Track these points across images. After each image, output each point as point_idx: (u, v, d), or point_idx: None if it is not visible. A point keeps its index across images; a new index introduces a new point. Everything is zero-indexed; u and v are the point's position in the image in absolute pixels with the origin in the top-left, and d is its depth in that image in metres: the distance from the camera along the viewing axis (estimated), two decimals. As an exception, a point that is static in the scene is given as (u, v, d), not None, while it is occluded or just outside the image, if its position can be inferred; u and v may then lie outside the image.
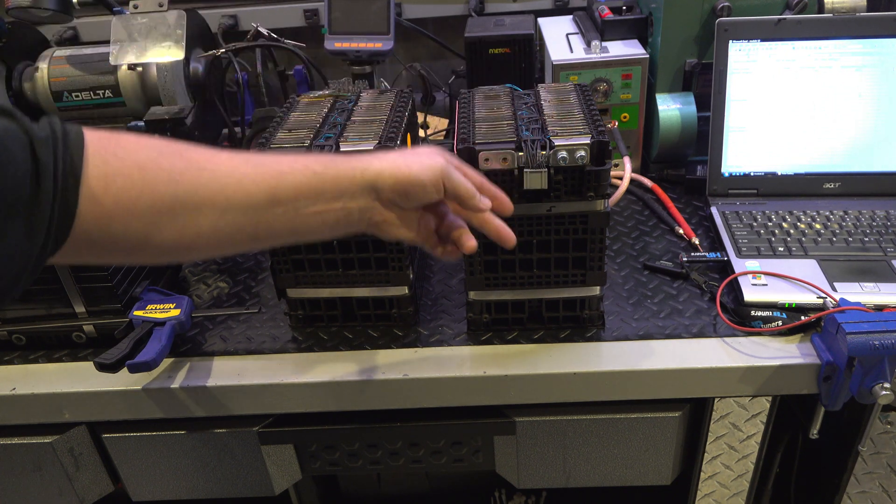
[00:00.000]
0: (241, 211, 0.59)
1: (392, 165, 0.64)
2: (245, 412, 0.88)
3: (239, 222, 0.59)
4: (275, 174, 0.60)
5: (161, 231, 0.56)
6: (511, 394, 0.85)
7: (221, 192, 0.58)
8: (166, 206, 0.56)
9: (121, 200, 0.54)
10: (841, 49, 1.02)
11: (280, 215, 0.61)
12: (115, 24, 1.25)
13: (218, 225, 0.58)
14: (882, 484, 0.96)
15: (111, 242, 0.55)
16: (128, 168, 0.54)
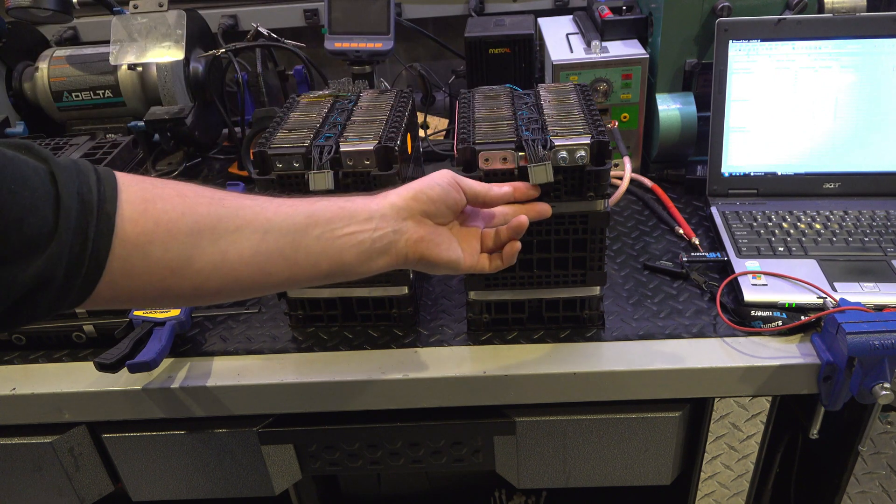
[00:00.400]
0: (282, 233, 0.59)
1: (405, 185, 0.67)
2: (245, 412, 0.88)
3: (279, 244, 0.59)
4: (309, 202, 0.62)
5: (203, 253, 0.55)
6: (511, 394, 0.85)
7: (262, 214, 0.59)
8: (208, 227, 0.55)
9: (161, 221, 0.53)
10: (841, 49, 1.02)
11: (317, 237, 0.61)
12: (115, 24, 1.25)
13: (259, 248, 0.58)
14: (882, 484, 0.96)
15: (148, 270, 0.53)
16: (168, 194, 0.54)
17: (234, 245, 0.57)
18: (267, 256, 0.59)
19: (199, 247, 0.55)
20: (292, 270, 0.61)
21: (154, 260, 0.53)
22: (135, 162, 0.92)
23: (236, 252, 0.57)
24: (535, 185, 0.75)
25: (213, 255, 0.56)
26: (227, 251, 0.57)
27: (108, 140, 0.93)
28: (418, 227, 0.66)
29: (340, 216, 0.62)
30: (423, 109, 1.38)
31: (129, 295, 0.54)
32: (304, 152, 0.79)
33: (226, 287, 0.58)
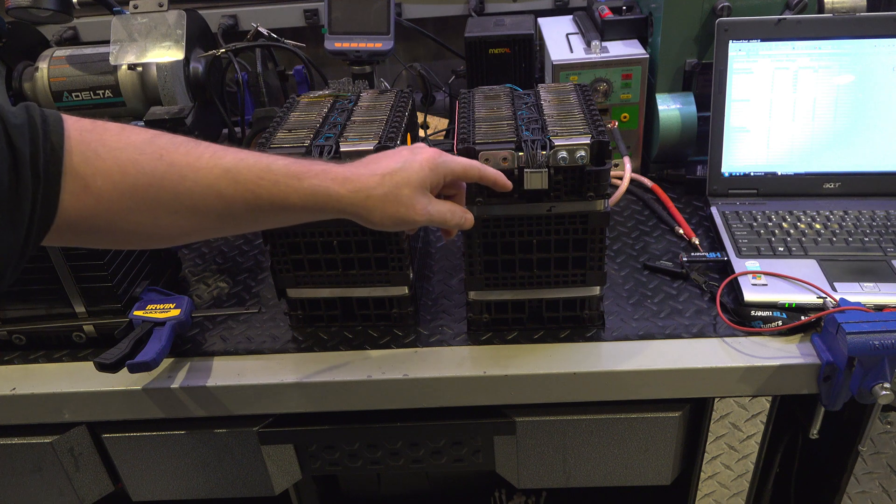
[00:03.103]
0: (221, 219, 0.62)
1: (386, 165, 0.66)
2: (245, 412, 0.88)
3: (220, 226, 0.63)
4: (253, 195, 0.61)
5: (144, 227, 0.58)
6: (511, 394, 0.85)
7: (203, 202, 0.59)
8: (148, 209, 0.57)
9: (102, 200, 0.54)
10: (841, 49, 1.02)
11: (259, 221, 0.65)
12: (115, 24, 1.25)
13: (202, 226, 0.61)
14: (882, 484, 0.96)
15: (96, 234, 0.57)
16: (109, 168, 0.55)
17: (175, 224, 0.60)
18: (209, 230, 0.64)
19: (141, 223, 0.58)
20: (235, 230, 0.65)
21: (100, 229, 0.56)
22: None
23: (178, 229, 0.61)
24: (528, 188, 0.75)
25: (156, 229, 0.59)
26: (170, 228, 0.60)
27: (108, 140, 0.93)
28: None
29: (283, 207, 0.63)
30: (423, 109, 1.38)
31: (78, 244, 0.59)
32: (304, 152, 0.79)
33: (178, 243, 0.65)
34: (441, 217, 0.70)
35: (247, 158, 0.61)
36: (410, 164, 0.67)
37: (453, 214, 0.71)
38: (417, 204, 0.67)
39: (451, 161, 0.70)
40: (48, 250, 0.84)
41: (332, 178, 0.64)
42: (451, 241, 1.08)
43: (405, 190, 0.66)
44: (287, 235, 0.84)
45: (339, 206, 0.64)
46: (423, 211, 0.68)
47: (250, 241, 1.13)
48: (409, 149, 0.69)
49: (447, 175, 0.70)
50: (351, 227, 0.83)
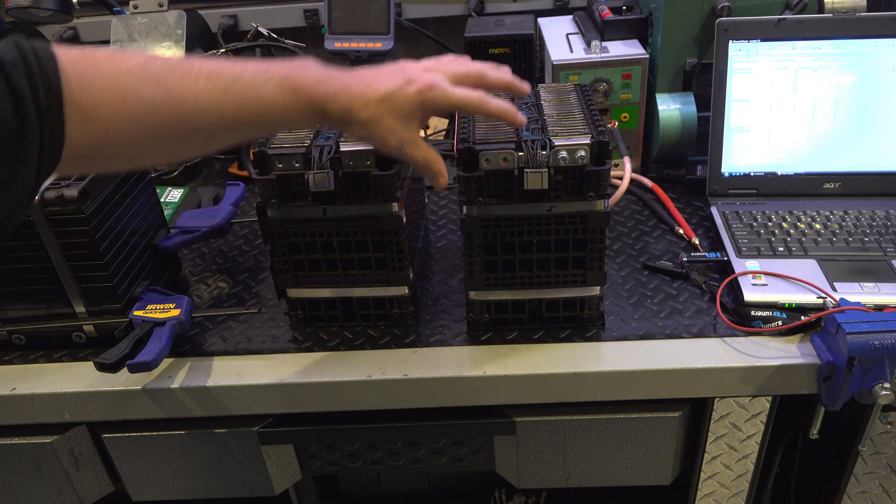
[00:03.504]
0: (226, 136, 0.63)
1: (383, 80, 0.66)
2: (245, 412, 0.88)
3: (225, 142, 0.64)
4: (254, 112, 0.61)
5: (151, 152, 0.60)
6: (511, 394, 0.85)
7: (206, 125, 0.60)
8: (153, 136, 0.58)
9: (109, 130, 0.54)
10: (841, 49, 1.02)
11: (260, 134, 0.69)
12: (115, 24, 1.25)
13: (207, 145, 0.63)
14: (882, 484, 0.96)
15: (103, 162, 0.59)
16: (109, 99, 0.54)
17: (178, 149, 0.63)
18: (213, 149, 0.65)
19: (146, 150, 0.59)
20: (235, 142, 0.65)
21: (108, 157, 0.57)
22: (135, 162, 0.93)
23: (179, 153, 0.66)
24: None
25: (161, 155, 0.62)
26: (171, 153, 0.64)
27: (108, 140, 0.93)
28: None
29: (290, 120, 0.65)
30: (423, 109, 1.38)
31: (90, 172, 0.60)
32: (304, 152, 0.79)
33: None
34: (413, 161, 0.71)
35: (243, 76, 0.61)
36: (400, 93, 0.66)
37: (427, 166, 0.71)
38: (395, 137, 0.67)
39: (442, 97, 0.68)
40: (48, 250, 0.84)
41: (325, 91, 0.64)
42: (452, 241, 1.08)
43: (388, 119, 0.66)
44: (287, 235, 0.84)
45: (326, 118, 0.65)
46: (398, 147, 0.68)
47: (250, 241, 1.13)
48: (405, 73, 0.68)
49: (438, 109, 0.69)
50: (351, 227, 0.83)
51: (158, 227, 0.99)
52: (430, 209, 1.17)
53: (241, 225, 1.16)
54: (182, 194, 1.22)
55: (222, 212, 1.03)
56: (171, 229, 1.01)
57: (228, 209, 1.04)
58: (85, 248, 0.84)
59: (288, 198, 0.82)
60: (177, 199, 1.21)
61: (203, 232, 1.00)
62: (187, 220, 1.02)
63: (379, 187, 0.80)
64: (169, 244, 0.98)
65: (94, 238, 0.83)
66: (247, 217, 1.13)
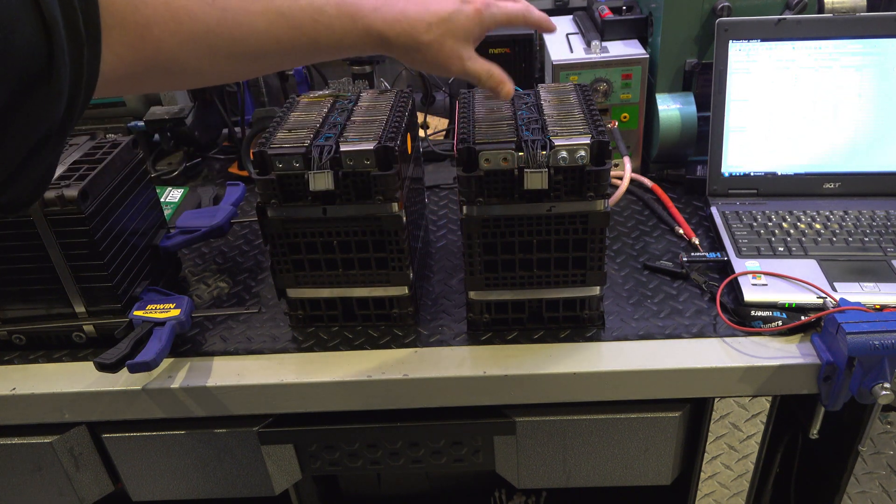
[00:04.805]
0: (281, 60, 0.62)
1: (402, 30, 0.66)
2: (245, 412, 0.88)
3: (279, 66, 0.64)
4: (309, 39, 0.61)
5: (204, 70, 0.58)
6: (511, 394, 0.85)
7: (260, 48, 0.59)
8: (207, 56, 0.56)
9: (163, 49, 0.53)
10: (841, 49, 1.02)
11: (313, 59, 0.65)
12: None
13: (261, 67, 0.62)
14: (882, 484, 0.96)
15: (155, 79, 0.56)
16: (161, 17, 0.53)
17: (232, 70, 0.60)
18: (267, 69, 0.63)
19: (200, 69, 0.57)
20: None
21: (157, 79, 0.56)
22: (135, 162, 0.93)
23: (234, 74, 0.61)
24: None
25: (213, 76, 0.59)
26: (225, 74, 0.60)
27: (108, 140, 0.93)
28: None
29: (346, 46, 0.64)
30: (423, 109, 1.38)
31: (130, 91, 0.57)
32: (304, 152, 0.79)
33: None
34: (476, 75, 0.71)
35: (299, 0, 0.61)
36: (460, 13, 0.67)
37: (491, 78, 0.73)
38: (456, 58, 0.68)
39: (498, 13, 0.71)
40: (48, 250, 0.84)
41: (384, 18, 0.64)
42: (452, 241, 1.08)
43: (449, 41, 0.67)
44: (287, 236, 0.85)
45: (386, 46, 0.65)
46: (461, 66, 0.69)
47: (250, 241, 1.13)
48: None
49: (493, 26, 0.71)
50: (351, 227, 0.83)
51: (158, 227, 0.99)
52: (430, 209, 1.17)
53: (241, 225, 1.16)
54: (182, 194, 1.23)
55: (222, 212, 1.03)
56: (171, 229, 1.01)
57: (228, 209, 1.04)
58: (85, 248, 0.84)
59: (288, 198, 0.82)
60: (177, 199, 1.21)
61: (203, 232, 1.00)
62: (187, 220, 1.02)
63: (379, 187, 0.81)
64: (169, 244, 0.98)
65: (94, 238, 0.83)
66: (247, 217, 1.13)
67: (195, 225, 1.01)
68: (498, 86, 0.74)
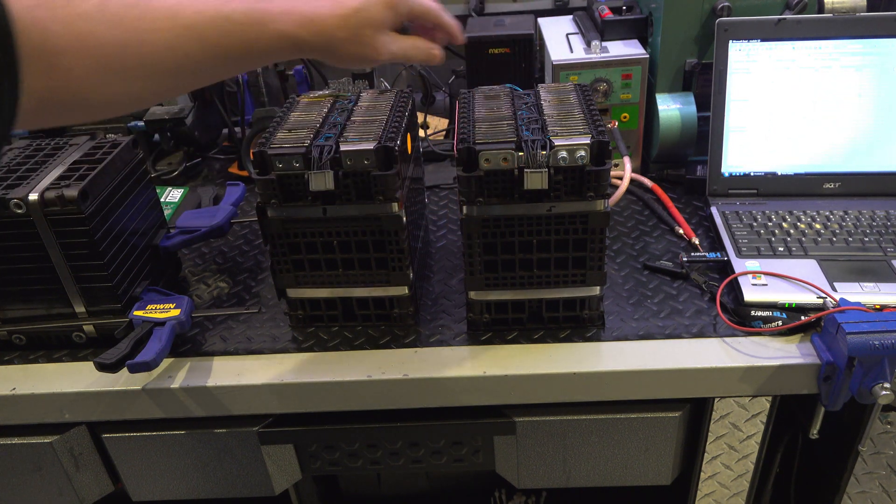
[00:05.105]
0: (195, 75, 0.61)
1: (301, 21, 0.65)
2: (245, 412, 0.88)
3: (195, 82, 0.63)
4: (220, 49, 0.60)
5: (118, 96, 0.57)
6: (511, 394, 0.85)
7: (171, 64, 0.58)
8: (119, 79, 0.55)
9: (73, 77, 0.53)
10: (841, 49, 1.02)
11: (230, 70, 0.64)
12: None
13: (177, 84, 0.62)
14: (882, 484, 0.96)
15: (71, 109, 0.55)
16: (69, 45, 0.52)
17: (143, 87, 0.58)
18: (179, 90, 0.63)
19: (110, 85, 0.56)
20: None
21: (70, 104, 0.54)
22: (135, 162, 0.93)
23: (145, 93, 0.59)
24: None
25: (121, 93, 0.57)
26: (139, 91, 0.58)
27: (108, 140, 0.93)
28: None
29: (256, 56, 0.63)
30: (423, 109, 1.38)
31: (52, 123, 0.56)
32: (304, 152, 0.79)
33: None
34: (404, 53, 0.71)
35: (205, 10, 0.59)
36: (371, 3, 0.67)
37: (417, 50, 0.73)
38: (379, 44, 0.68)
39: (413, 2, 0.71)
40: (48, 250, 0.84)
41: (295, 20, 0.63)
42: (452, 241, 1.08)
43: (367, 30, 0.66)
44: (287, 236, 0.85)
45: (302, 49, 0.65)
46: (386, 50, 0.69)
47: (250, 241, 1.13)
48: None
49: (407, 13, 0.71)
50: (351, 227, 0.83)
51: (158, 227, 0.99)
52: (430, 209, 1.17)
53: (241, 225, 1.16)
54: (182, 194, 1.23)
55: (222, 212, 1.03)
56: (171, 229, 1.01)
57: (228, 209, 1.04)
58: (85, 248, 0.84)
59: (288, 198, 0.82)
60: (177, 199, 1.21)
61: (203, 232, 1.00)
62: (187, 220, 1.02)
63: (379, 187, 0.81)
64: (169, 244, 0.98)
65: (94, 238, 0.83)
66: (247, 217, 1.13)
67: (195, 225, 1.01)
68: (427, 56, 0.74)
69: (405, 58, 0.72)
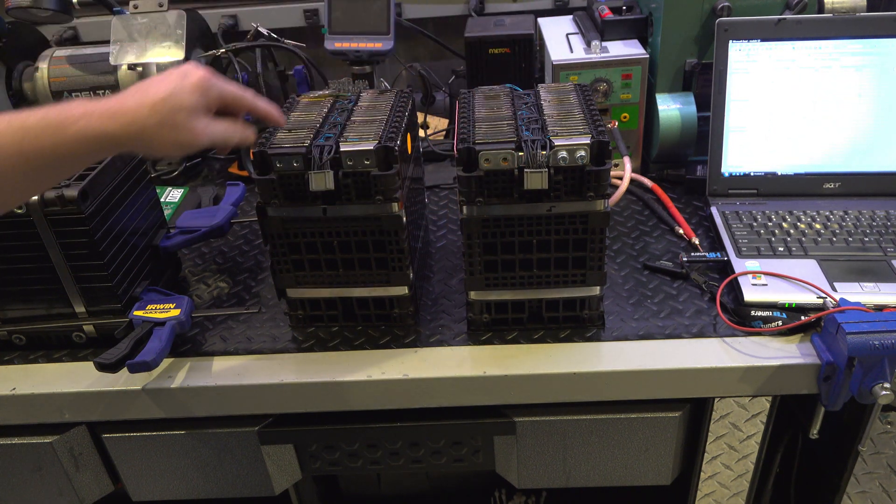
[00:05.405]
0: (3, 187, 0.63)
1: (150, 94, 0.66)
2: (245, 412, 0.88)
3: (8, 191, 0.64)
4: (22, 158, 0.61)
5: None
6: (511, 394, 0.85)
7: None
8: None
9: None
10: (841, 49, 1.02)
11: (43, 178, 0.65)
12: (115, 24, 1.25)
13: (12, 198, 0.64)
14: (882, 484, 0.96)
15: None
16: None
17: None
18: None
19: None
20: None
21: None
22: (134, 162, 0.93)
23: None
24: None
25: None
26: None
27: (108, 140, 0.93)
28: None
29: (69, 163, 0.65)
30: (423, 109, 1.38)
31: None
32: (304, 152, 0.79)
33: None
34: (222, 136, 0.72)
35: (11, 122, 0.61)
36: (181, 89, 0.67)
37: (234, 131, 0.73)
38: (195, 127, 0.68)
39: (222, 85, 0.71)
40: (48, 250, 0.84)
41: (99, 117, 0.63)
42: (452, 241, 1.08)
43: (179, 115, 0.67)
44: (287, 236, 0.84)
45: (115, 142, 0.65)
46: (202, 133, 0.69)
47: (250, 241, 1.13)
48: (179, 72, 0.69)
49: (218, 98, 0.71)
50: (351, 227, 0.83)
51: (158, 227, 0.99)
52: (430, 209, 1.17)
53: (241, 225, 1.16)
54: (182, 194, 1.23)
55: (222, 212, 1.03)
56: (171, 229, 1.01)
57: (228, 209, 1.04)
58: (85, 248, 0.84)
59: (288, 198, 0.82)
60: (177, 199, 1.21)
61: (203, 232, 1.00)
62: (187, 220, 1.02)
63: (379, 187, 0.80)
64: (169, 244, 0.98)
65: (94, 238, 0.83)
66: (247, 217, 1.13)
67: (195, 225, 1.01)
68: (243, 137, 0.75)
69: (224, 140, 0.72)
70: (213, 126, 0.70)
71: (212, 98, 0.70)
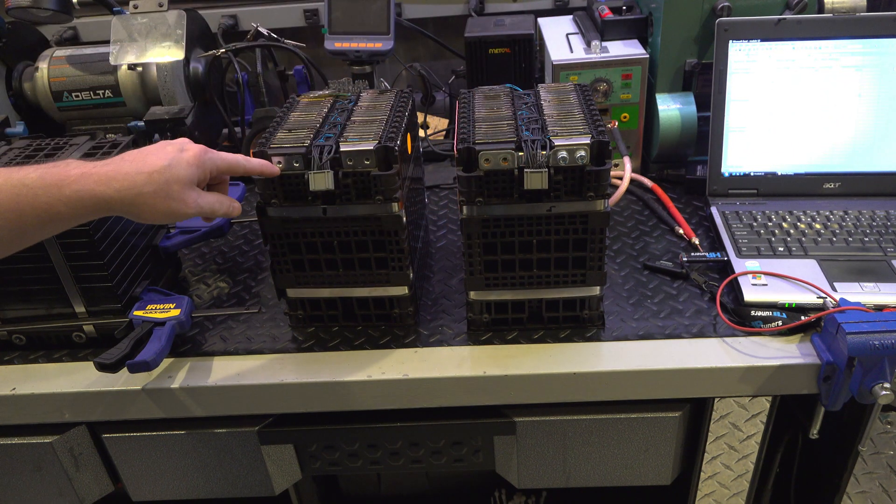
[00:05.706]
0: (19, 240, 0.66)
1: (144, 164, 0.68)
2: (245, 412, 0.88)
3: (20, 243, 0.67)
4: (16, 215, 0.63)
5: None
6: (511, 394, 0.85)
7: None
8: None
9: None
10: (841, 49, 1.02)
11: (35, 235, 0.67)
12: (115, 24, 1.25)
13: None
14: (882, 484, 0.96)
15: None
16: None
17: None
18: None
19: None
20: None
21: None
22: (135, 162, 0.93)
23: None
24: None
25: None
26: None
27: (108, 140, 0.93)
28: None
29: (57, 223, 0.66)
30: (423, 109, 1.38)
31: None
32: (304, 152, 0.79)
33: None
34: (210, 208, 0.74)
35: (9, 178, 0.63)
36: (178, 161, 0.70)
37: (221, 204, 0.76)
38: (188, 198, 0.71)
39: (216, 157, 0.75)
40: (48, 250, 0.84)
41: (95, 180, 0.65)
42: (452, 241, 1.08)
43: (174, 186, 0.69)
44: (287, 236, 0.84)
45: (109, 206, 0.67)
46: (194, 204, 0.72)
47: (250, 241, 1.13)
48: (174, 145, 0.72)
49: (213, 170, 0.74)
50: (351, 227, 0.83)
51: (158, 228, 0.99)
52: (430, 209, 1.17)
53: (241, 225, 1.16)
54: (182, 194, 1.22)
55: (222, 212, 1.03)
56: (171, 229, 1.01)
57: (228, 209, 1.03)
58: (85, 248, 0.84)
59: (288, 197, 0.82)
60: (177, 199, 1.21)
61: (203, 232, 1.00)
62: (187, 220, 1.02)
63: (379, 187, 0.81)
64: (169, 244, 0.98)
65: (94, 238, 0.83)
66: (247, 217, 1.13)
67: (195, 225, 1.01)
68: (229, 210, 0.77)
69: (211, 211, 0.75)
70: (203, 198, 0.73)
71: (206, 171, 0.73)
